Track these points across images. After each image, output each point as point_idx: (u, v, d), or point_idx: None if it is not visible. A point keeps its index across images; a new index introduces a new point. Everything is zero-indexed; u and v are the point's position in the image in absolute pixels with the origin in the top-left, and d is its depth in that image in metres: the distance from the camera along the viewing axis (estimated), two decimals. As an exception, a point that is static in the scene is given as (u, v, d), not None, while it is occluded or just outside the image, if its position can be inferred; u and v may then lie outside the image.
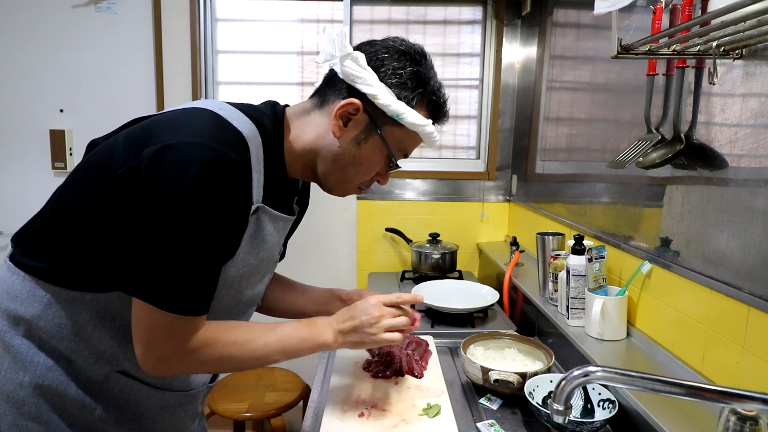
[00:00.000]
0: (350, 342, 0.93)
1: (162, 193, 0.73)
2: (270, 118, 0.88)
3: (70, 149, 2.38)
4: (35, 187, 2.39)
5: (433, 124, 0.90)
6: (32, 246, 0.85)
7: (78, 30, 2.32)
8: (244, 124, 0.82)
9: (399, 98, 0.85)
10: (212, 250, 0.78)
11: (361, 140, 0.88)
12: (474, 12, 2.47)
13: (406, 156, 0.93)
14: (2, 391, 0.83)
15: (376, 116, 0.86)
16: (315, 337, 0.91)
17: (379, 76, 0.85)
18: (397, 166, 0.92)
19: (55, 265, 0.82)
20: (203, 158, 0.73)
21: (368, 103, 0.85)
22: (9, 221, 2.41)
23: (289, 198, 0.98)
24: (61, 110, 2.37)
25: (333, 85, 0.88)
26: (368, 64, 0.85)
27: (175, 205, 0.72)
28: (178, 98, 2.35)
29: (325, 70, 0.92)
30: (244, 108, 0.86)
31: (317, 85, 0.93)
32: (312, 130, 0.89)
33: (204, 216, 0.74)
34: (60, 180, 2.65)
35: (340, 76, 0.85)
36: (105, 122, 2.37)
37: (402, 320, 0.95)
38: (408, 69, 0.86)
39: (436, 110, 0.90)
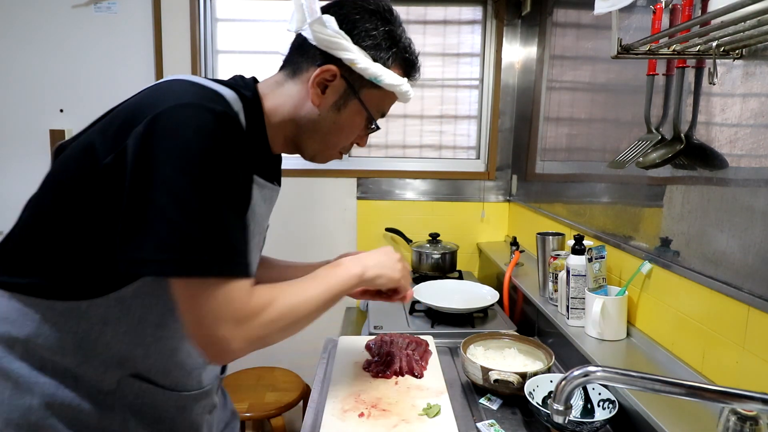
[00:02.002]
0: (373, 274, 0.93)
1: (165, 162, 0.68)
2: (245, 88, 0.85)
3: (70, 149, 2.38)
4: (35, 187, 2.38)
5: (408, 81, 0.90)
6: (13, 263, 0.79)
7: (78, 30, 2.32)
8: (223, 89, 0.79)
9: (375, 60, 0.84)
10: (233, 204, 0.73)
11: (340, 106, 0.86)
12: (474, 12, 2.47)
13: (383, 116, 0.93)
14: (11, 420, 0.76)
15: (353, 80, 0.84)
16: (347, 272, 0.89)
17: (352, 39, 0.82)
18: (378, 128, 0.92)
19: (43, 277, 0.77)
20: (196, 116, 0.70)
21: (345, 69, 0.83)
22: (9, 221, 2.41)
23: (274, 170, 0.96)
24: (61, 110, 2.37)
25: (305, 52, 0.85)
26: (340, 27, 0.82)
27: (184, 171, 0.68)
28: (178, 98, 2.35)
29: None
30: (218, 79, 0.84)
31: (279, 53, 0.91)
32: (289, 101, 0.87)
33: (215, 173, 0.70)
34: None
35: (312, 42, 0.82)
36: (105, 122, 2.39)
37: (408, 273, 1.05)
38: (381, 29, 0.84)
39: (409, 67, 0.90)
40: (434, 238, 2.27)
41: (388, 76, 0.84)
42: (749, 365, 0.90)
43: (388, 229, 2.45)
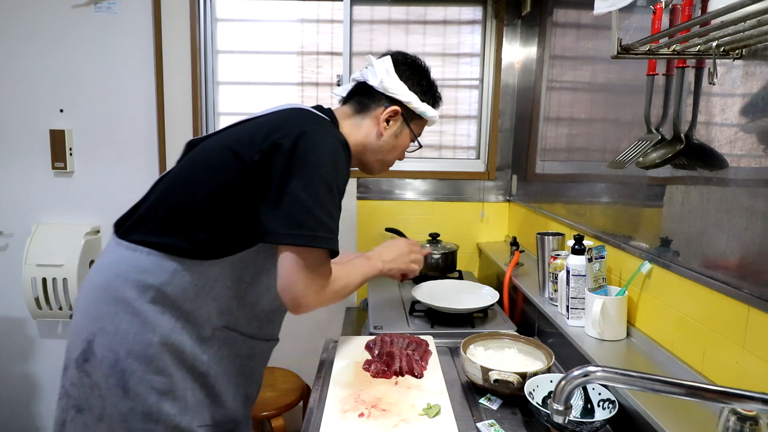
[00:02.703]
0: (388, 268, 1.32)
1: (306, 167, 0.97)
2: (331, 117, 1.19)
3: (70, 149, 2.38)
4: (35, 187, 2.39)
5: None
6: (153, 225, 1.04)
7: (78, 30, 2.32)
8: (327, 119, 1.14)
9: (422, 101, 1.24)
10: (340, 201, 1.04)
11: (398, 134, 1.24)
12: (474, 12, 2.47)
13: (419, 136, 1.31)
14: (133, 350, 0.99)
15: (407, 116, 1.24)
16: (373, 265, 1.28)
17: (408, 87, 1.22)
18: (420, 146, 1.30)
19: (181, 239, 1.01)
20: (330, 139, 1.04)
21: (403, 107, 1.22)
22: (9, 221, 2.41)
23: None
24: (61, 110, 2.37)
25: (372, 96, 1.22)
26: (399, 79, 1.21)
27: (318, 174, 0.98)
28: (178, 98, 2.35)
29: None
30: (318, 109, 1.17)
31: (340, 89, 1.31)
32: (360, 131, 1.22)
33: (335, 179, 1.01)
34: (60, 180, 2.62)
35: (378, 89, 1.20)
36: (105, 122, 2.40)
37: (419, 256, 1.42)
38: (424, 80, 1.25)
39: (438, 101, 1.31)
40: (434, 238, 2.27)
41: (430, 111, 1.26)
42: (749, 365, 0.90)
43: (388, 229, 2.44)
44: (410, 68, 1.23)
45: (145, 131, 2.39)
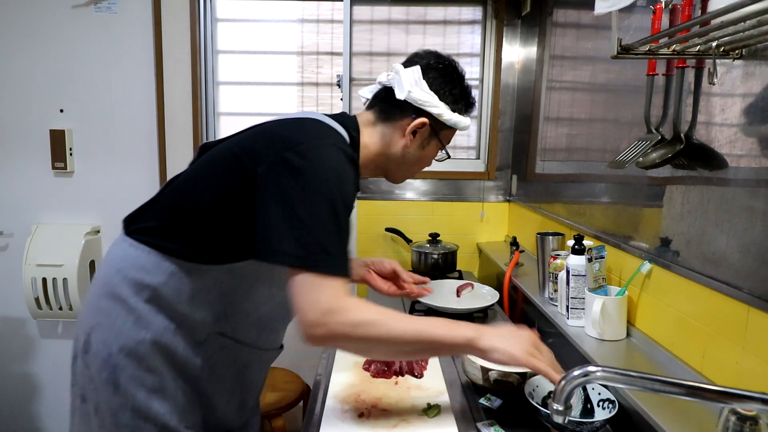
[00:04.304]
0: (489, 345, 0.91)
1: (308, 183, 0.91)
2: (352, 128, 1.09)
3: (70, 149, 2.38)
4: (35, 187, 2.39)
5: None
6: (158, 227, 1.02)
7: (78, 30, 2.32)
8: (341, 129, 1.04)
9: (454, 111, 1.11)
10: (346, 220, 0.95)
11: (425, 145, 1.13)
12: (474, 12, 2.47)
13: (449, 144, 1.18)
14: (125, 346, 0.98)
15: (436, 126, 1.11)
16: (459, 331, 0.92)
17: (439, 97, 1.08)
18: (449, 156, 1.18)
19: (184, 244, 0.99)
20: (334, 153, 0.95)
21: (432, 119, 1.09)
22: (9, 221, 2.41)
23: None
24: (61, 110, 2.37)
25: (398, 105, 1.09)
26: (430, 89, 1.08)
27: (319, 192, 0.90)
28: (178, 98, 2.35)
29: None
30: (334, 117, 1.08)
31: (365, 91, 1.18)
32: (382, 140, 1.12)
33: (339, 196, 0.92)
34: (60, 180, 2.62)
35: (407, 99, 1.07)
36: (105, 122, 2.40)
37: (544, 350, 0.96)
38: (458, 88, 1.11)
39: (470, 107, 1.16)
40: (434, 238, 2.27)
41: (463, 121, 1.13)
42: (749, 365, 0.90)
43: (388, 229, 2.45)
44: (442, 75, 1.11)
45: (145, 131, 2.39)
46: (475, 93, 1.15)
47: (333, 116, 1.09)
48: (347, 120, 1.10)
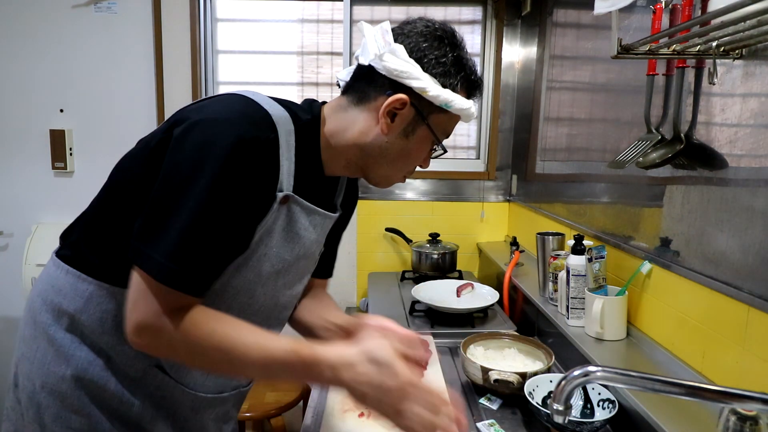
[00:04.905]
0: (358, 389, 0.74)
1: (184, 166, 0.73)
2: (306, 111, 0.87)
3: (70, 149, 2.38)
4: (35, 187, 2.39)
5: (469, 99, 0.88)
6: (77, 239, 0.87)
7: (78, 30, 2.32)
8: (274, 108, 0.81)
9: (444, 86, 0.83)
10: (223, 229, 0.74)
11: (408, 132, 0.85)
12: (474, 12, 2.47)
13: (447, 137, 0.91)
14: (46, 383, 0.85)
15: (422, 107, 0.83)
16: (312, 354, 0.74)
17: (422, 67, 0.81)
18: (445, 150, 0.91)
19: (97, 257, 0.83)
20: (225, 134, 0.73)
21: (414, 96, 0.82)
22: (9, 221, 2.41)
23: (328, 195, 0.96)
24: (61, 110, 2.37)
25: (372, 81, 0.83)
26: (410, 56, 0.81)
27: (192, 183, 0.72)
28: (178, 98, 2.35)
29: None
30: (281, 99, 0.86)
31: (341, 82, 0.91)
32: (354, 127, 0.86)
33: (219, 192, 0.72)
34: (60, 180, 2.62)
35: (381, 71, 0.81)
36: (105, 122, 2.40)
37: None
38: (449, 55, 0.83)
39: (473, 88, 0.89)
40: (434, 238, 2.27)
41: (458, 101, 0.84)
42: (749, 365, 0.90)
43: (388, 229, 2.45)
44: (427, 39, 0.83)
45: (145, 131, 2.34)
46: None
47: (286, 99, 0.88)
48: (303, 104, 0.89)
